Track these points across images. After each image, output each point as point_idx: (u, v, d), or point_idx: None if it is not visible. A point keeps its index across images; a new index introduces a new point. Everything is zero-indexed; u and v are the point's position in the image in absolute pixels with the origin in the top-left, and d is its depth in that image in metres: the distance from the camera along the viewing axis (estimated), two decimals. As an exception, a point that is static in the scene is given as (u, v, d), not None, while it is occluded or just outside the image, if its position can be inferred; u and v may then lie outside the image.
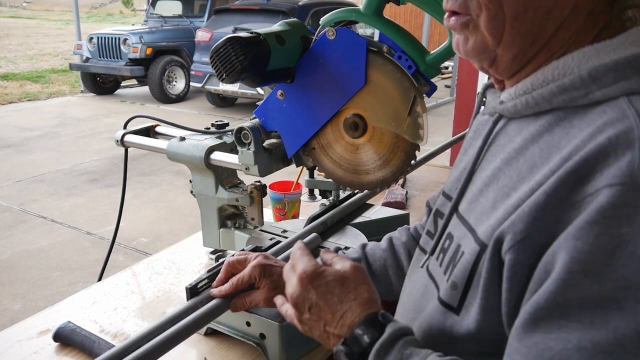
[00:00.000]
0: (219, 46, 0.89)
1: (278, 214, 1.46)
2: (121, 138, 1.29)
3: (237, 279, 0.86)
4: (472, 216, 0.58)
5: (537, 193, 0.48)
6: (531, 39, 0.54)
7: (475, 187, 0.60)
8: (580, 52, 0.52)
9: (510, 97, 0.59)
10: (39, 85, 9.65)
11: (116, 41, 8.00)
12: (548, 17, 0.52)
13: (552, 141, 0.51)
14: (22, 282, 3.01)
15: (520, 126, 0.57)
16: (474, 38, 0.57)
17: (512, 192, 0.52)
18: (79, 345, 0.93)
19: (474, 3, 0.54)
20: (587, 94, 0.50)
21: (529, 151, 0.54)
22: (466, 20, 0.56)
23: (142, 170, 4.90)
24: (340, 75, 0.94)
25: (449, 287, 0.57)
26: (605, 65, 0.50)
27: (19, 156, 5.38)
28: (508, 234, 0.49)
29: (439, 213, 0.71)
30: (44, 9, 35.92)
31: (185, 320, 0.79)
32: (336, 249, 0.96)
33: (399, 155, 0.96)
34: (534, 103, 0.55)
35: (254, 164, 1.04)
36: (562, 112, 0.53)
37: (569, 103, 0.52)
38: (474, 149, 0.65)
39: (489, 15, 0.53)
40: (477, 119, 0.72)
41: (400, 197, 1.58)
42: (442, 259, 0.62)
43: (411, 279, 0.75)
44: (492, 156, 0.60)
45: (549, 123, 0.53)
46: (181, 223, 3.79)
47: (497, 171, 0.57)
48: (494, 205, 0.54)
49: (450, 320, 0.57)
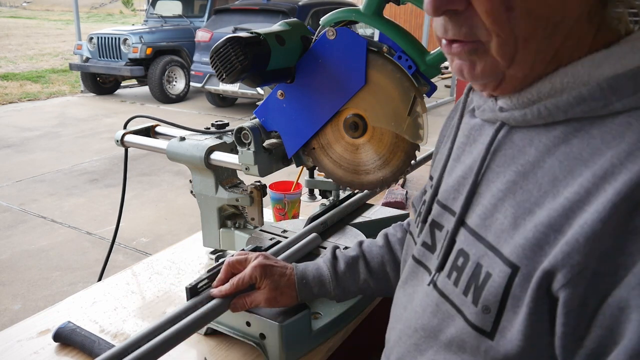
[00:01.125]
0: (219, 46, 0.89)
1: (278, 214, 1.46)
2: (121, 138, 1.29)
3: (238, 279, 0.86)
4: (489, 233, 0.55)
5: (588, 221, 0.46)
6: (542, 55, 0.53)
7: (487, 201, 0.57)
8: (588, 60, 0.51)
9: (513, 105, 0.57)
10: (39, 85, 9.65)
11: (116, 41, 8.00)
12: (556, 31, 0.51)
13: (572, 153, 0.50)
14: (22, 282, 3.01)
15: (529, 136, 0.56)
16: (484, 63, 0.54)
17: (536, 207, 0.50)
18: (79, 345, 0.93)
19: (482, 31, 0.52)
20: (607, 105, 0.49)
21: (546, 164, 0.52)
22: (474, 46, 0.54)
23: (142, 170, 4.90)
24: (340, 75, 0.94)
25: (480, 311, 0.54)
26: (623, 75, 0.49)
27: (19, 156, 5.38)
28: (564, 268, 0.46)
29: (437, 224, 0.67)
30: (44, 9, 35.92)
31: (185, 320, 0.79)
32: (334, 248, 0.96)
33: (399, 155, 0.96)
34: (547, 113, 0.53)
35: (254, 164, 1.04)
36: (576, 122, 0.51)
37: (587, 114, 0.50)
38: (472, 157, 0.63)
39: (500, 41, 0.51)
40: (467, 122, 0.69)
41: (400, 197, 1.58)
42: (456, 277, 0.59)
43: (407, 292, 0.71)
44: (501, 167, 0.57)
45: (564, 134, 0.52)
46: (181, 223, 3.79)
47: (512, 185, 0.54)
48: (515, 222, 0.52)
49: (485, 345, 0.55)
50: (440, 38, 0.57)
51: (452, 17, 0.53)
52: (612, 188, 0.45)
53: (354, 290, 0.93)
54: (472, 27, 0.52)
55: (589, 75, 0.51)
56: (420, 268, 0.70)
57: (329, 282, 0.90)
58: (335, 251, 0.95)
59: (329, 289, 0.90)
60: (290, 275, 0.88)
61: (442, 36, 0.56)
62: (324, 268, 0.91)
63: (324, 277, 0.90)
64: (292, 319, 0.89)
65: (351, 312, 1.02)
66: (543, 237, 0.49)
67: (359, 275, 0.92)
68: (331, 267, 0.91)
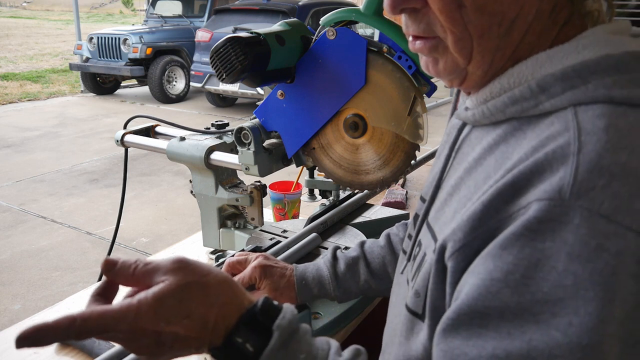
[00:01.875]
0: (219, 46, 0.89)
1: (278, 214, 1.46)
2: (121, 138, 1.29)
3: (238, 279, 0.86)
4: (437, 225, 0.58)
5: (476, 203, 0.48)
6: (500, 52, 0.53)
7: (442, 196, 0.60)
8: (533, 59, 0.52)
9: (473, 105, 0.58)
10: (39, 85, 9.65)
11: (116, 41, 8.00)
12: (513, 27, 0.51)
13: (507, 152, 0.51)
14: (22, 282, 3.01)
15: (481, 134, 0.57)
16: (445, 59, 0.55)
17: (469, 202, 0.51)
18: (79, 345, 0.93)
19: (438, 27, 0.53)
20: (537, 105, 0.50)
21: (485, 161, 0.53)
22: (434, 43, 0.55)
23: (142, 170, 4.90)
24: (340, 75, 0.94)
25: (413, 295, 0.58)
26: (553, 74, 0.49)
27: (19, 156, 5.38)
28: (449, 242, 0.49)
29: (417, 216, 0.70)
30: (44, 9, 35.94)
31: (185, 321, 0.78)
32: (335, 249, 0.96)
33: (399, 155, 0.96)
34: (489, 113, 0.54)
35: (254, 164, 1.04)
36: (517, 121, 0.52)
37: (522, 114, 0.51)
38: (444, 154, 0.64)
39: (455, 37, 0.52)
40: (451, 122, 0.70)
41: (400, 197, 1.58)
42: (411, 266, 0.62)
43: (394, 283, 0.74)
44: (458, 164, 0.59)
45: (504, 133, 0.53)
46: (181, 223, 3.79)
47: (459, 181, 0.56)
48: (454, 215, 0.54)
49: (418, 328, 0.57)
50: (407, 34, 0.59)
51: (411, 14, 0.55)
52: (508, 176, 0.47)
53: (355, 291, 0.92)
54: (429, 24, 0.54)
55: (532, 74, 0.51)
56: (404, 257, 0.72)
57: (328, 283, 0.90)
58: (336, 252, 0.95)
59: (329, 290, 0.90)
60: (290, 276, 0.88)
61: (405, 31, 0.58)
62: (324, 269, 0.91)
63: (324, 278, 0.90)
64: (292, 319, 0.89)
65: (351, 312, 1.02)
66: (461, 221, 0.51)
67: (359, 276, 0.92)
68: (331, 268, 0.91)
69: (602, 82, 0.47)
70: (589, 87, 0.47)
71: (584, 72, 0.48)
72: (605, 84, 0.47)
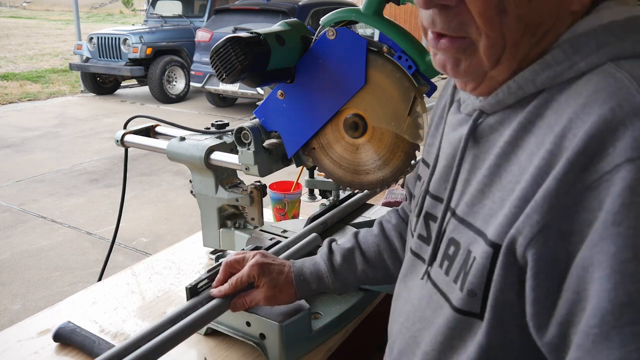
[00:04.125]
0: (219, 46, 0.89)
1: (278, 214, 1.46)
2: (121, 138, 1.29)
3: (236, 278, 0.86)
4: (477, 219, 0.55)
5: (547, 180, 0.45)
6: (526, 61, 0.52)
7: (473, 188, 0.57)
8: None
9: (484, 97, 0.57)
10: (39, 85, 9.65)
11: (116, 41, 8.00)
12: (543, 38, 0.51)
13: (545, 125, 0.49)
14: (22, 282, 3.01)
15: (504, 118, 0.55)
16: (469, 61, 0.54)
17: (517, 186, 0.49)
18: (79, 345, 0.93)
19: (472, 29, 0.51)
20: (572, 66, 0.48)
21: (523, 142, 0.51)
22: (464, 44, 0.53)
23: (142, 170, 4.90)
24: (340, 75, 0.94)
25: (465, 296, 0.54)
26: (583, 34, 0.49)
27: (19, 156, 5.38)
28: (524, 229, 0.46)
29: (430, 216, 0.67)
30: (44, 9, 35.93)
31: (185, 320, 0.79)
32: (330, 241, 0.96)
33: (399, 155, 0.96)
34: (517, 87, 0.52)
35: (254, 164, 1.04)
36: (547, 93, 0.50)
37: (555, 80, 0.50)
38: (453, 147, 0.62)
39: (490, 42, 0.51)
40: (452, 116, 0.68)
41: (400, 197, 1.57)
42: (447, 266, 0.59)
43: (407, 285, 0.71)
44: (484, 153, 0.57)
45: (536, 108, 0.51)
46: (181, 223, 3.79)
47: (495, 169, 0.54)
48: (502, 204, 0.51)
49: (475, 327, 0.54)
50: (426, 29, 0.56)
51: (442, 10, 0.53)
52: (570, 143, 0.44)
53: (353, 282, 0.92)
54: (462, 24, 0.52)
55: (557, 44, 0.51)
56: (419, 261, 0.70)
57: (326, 277, 0.90)
58: (332, 244, 0.95)
59: (327, 283, 0.90)
60: (288, 272, 0.88)
61: (430, 28, 0.55)
62: (321, 263, 0.91)
63: (321, 272, 0.90)
64: (292, 318, 0.89)
65: (351, 312, 1.02)
66: (517, 210, 0.48)
67: (356, 266, 0.92)
68: (328, 261, 0.91)
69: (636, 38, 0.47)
70: (625, 44, 0.47)
71: (615, 30, 0.48)
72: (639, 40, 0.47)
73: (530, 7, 0.49)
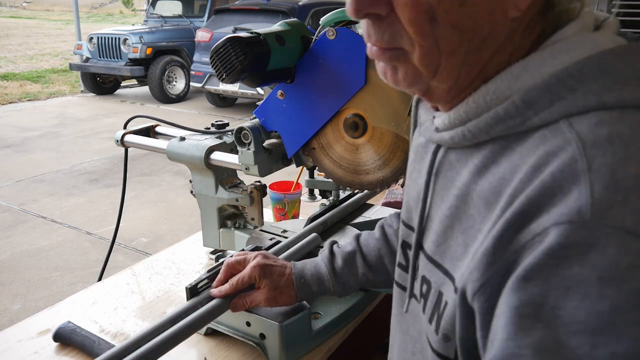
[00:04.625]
0: (219, 46, 0.89)
1: (278, 214, 1.46)
2: (121, 138, 1.29)
3: (237, 279, 0.86)
4: (446, 260, 0.54)
5: (488, 237, 0.45)
6: (466, 68, 0.50)
7: (437, 227, 0.56)
8: (507, 72, 0.49)
9: (445, 126, 0.55)
10: (39, 85, 9.65)
11: (116, 41, 8.00)
12: (483, 46, 0.49)
13: (499, 173, 0.48)
14: (22, 282, 3.01)
15: (464, 157, 0.54)
16: (405, 69, 0.52)
17: (478, 233, 0.49)
18: (79, 345, 0.93)
19: (405, 39, 0.49)
20: (525, 122, 0.47)
21: (478, 186, 0.50)
22: (395, 54, 0.51)
23: (142, 170, 4.90)
24: (340, 75, 0.94)
25: (441, 340, 0.54)
26: (536, 87, 0.47)
27: (19, 156, 5.38)
28: (468, 283, 0.47)
29: (406, 244, 0.67)
30: (44, 9, 35.93)
31: (185, 320, 0.79)
32: (332, 244, 0.96)
33: (399, 155, 0.96)
34: (471, 135, 0.51)
35: (254, 164, 1.04)
36: (503, 140, 0.49)
37: (508, 132, 0.48)
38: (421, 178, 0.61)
39: (423, 52, 0.49)
40: (416, 139, 0.67)
41: (400, 197, 1.57)
42: (424, 305, 0.59)
43: (397, 319, 0.71)
44: (443, 190, 0.56)
45: (492, 153, 0.50)
46: (181, 223, 3.79)
47: (455, 210, 0.53)
48: (466, 249, 0.51)
49: None
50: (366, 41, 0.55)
51: (374, 21, 0.51)
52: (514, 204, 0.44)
53: (354, 285, 0.92)
54: (395, 35, 0.50)
55: (509, 88, 0.48)
56: (403, 293, 0.68)
57: (327, 280, 0.90)
58: (333, 247, 0.95)
59: (328, 286, 0.90)
60: (289, 274, 0.88)
61: (366, 40, 0.54)
62: (322, 266, 0.91)
63: (322, 275, 0.90)
64: (292, 319, 0.89)
65: (351, 312, 1.02)
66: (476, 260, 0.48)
67: (357, 270, 0.92)
68: (329, 264, 0.91)
69: (590, 88, 0.45)
70: (577, 95, 0.45)
71: (568, 80, 0.46)
72: (593, 90, 0.45)
73: (462, 14, 0.47)
